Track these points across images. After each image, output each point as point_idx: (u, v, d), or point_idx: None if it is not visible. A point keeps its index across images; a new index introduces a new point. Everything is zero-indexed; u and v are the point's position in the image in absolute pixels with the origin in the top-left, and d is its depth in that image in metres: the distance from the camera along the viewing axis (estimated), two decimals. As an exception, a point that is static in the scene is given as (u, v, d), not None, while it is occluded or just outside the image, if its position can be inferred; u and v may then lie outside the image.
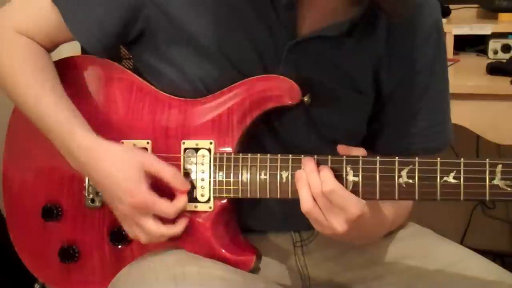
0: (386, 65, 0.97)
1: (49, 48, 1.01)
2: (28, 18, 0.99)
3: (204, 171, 0.95)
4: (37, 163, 1.04)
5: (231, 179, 0.93)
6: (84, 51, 1.04)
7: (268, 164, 0.90)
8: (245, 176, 0.92)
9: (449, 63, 1.10)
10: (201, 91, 0.96)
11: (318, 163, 0.87)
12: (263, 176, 0.91)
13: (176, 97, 0.97)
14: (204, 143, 0.95)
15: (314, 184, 0.85)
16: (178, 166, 0.96)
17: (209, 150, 0.95)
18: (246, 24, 0.93)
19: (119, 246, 0.99)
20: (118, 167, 0.91)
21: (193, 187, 0.95)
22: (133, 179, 0.90)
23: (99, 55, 1.00)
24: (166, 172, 0.92)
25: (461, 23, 1.85)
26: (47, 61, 1.00)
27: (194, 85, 0.95)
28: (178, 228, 0.93)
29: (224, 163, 0.94)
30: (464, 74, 1.66)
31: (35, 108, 0.95)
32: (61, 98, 0.96)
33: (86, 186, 1.01)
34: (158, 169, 0.91)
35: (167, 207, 0.91)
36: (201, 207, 0.95)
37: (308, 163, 0.87)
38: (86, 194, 1.01)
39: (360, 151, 0.90)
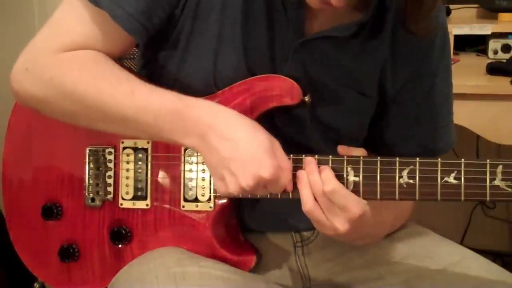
0: (391, 67, 0.97)
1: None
2: (69, 34, 0.90)
3: (205, 170, 0.95)
4: (37, 162, 1.04)
5: (232, 179, 0.93)
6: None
7: (268, 163, 0.89)
8: (246, 176, 0.92)
9: (449, 63, 1.10)
10: (211, 86, 0.94)
11: (319, 163, 0.87)
12: (264, 176, 0.91)
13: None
14: None
15: (315, 184, 0.84)
16: (178, 166, 0.96)
17: None
18: (258, 21, 0.92)
19: (119, 246, 0.99)
20: (252, 134, 0.84)
21: (194, 187, 0.95)
22: (268, 148, 0.84)
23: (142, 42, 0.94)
24: (285, 163, 0.86)
25: (461, 23, 1.85)
26: (106, 57, 0.90)
27: (206, 80, 0.94)
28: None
29: (225, 163, 0.93)
30: (464, 74, 1.66)
31: (133, 102, 0.86)
32: (150, 84, 0.89)
33: (86, 185, 1.01)
34: (282, 155, 0.86)
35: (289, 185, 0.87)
36: (201, 206, 0.95)
37: (309, 163, 0.86)
38: (86, 193, 1.01)
39: (360, 151, 0.90)
